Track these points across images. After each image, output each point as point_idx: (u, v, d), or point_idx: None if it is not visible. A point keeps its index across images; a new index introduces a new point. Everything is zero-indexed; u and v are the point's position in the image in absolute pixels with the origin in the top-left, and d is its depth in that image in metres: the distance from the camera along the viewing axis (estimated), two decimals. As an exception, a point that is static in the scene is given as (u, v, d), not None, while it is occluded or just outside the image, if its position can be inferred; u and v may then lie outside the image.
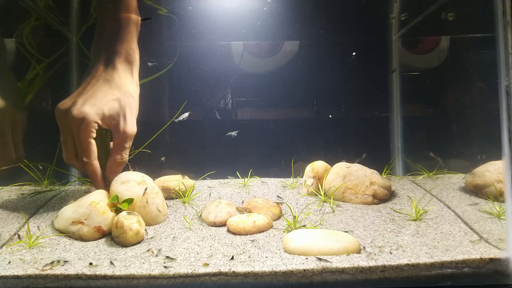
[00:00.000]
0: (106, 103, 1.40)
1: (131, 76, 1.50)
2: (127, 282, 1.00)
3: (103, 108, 1.39)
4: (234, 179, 1.85)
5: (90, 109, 1.36)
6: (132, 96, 1.47)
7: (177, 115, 1.86)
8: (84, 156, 1.37)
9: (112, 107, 1.40)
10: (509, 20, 1.03)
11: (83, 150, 1.37)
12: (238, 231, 1.25)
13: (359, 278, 1.01)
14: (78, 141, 1.37)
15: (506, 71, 1.04)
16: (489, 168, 1.55)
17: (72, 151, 1.40)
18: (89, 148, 1.37)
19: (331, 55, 2.09)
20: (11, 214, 1.40)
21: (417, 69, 2.11)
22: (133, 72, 1.52)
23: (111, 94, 1.42)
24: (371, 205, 1.50)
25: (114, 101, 1.41)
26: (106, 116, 1.39)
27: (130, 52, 1.50)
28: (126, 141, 1.43)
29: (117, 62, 1.47)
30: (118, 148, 1.43)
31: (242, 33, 2.02)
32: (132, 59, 1.51)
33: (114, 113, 1.41)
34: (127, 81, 1.48)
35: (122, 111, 1.42)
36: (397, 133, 2.07)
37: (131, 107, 1.45)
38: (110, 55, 1.48)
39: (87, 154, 1.37)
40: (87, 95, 1.40)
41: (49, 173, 1.74)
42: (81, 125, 1.35)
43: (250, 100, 2.10)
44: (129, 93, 1.46)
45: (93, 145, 1.38)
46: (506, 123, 1.03)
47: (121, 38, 1.48)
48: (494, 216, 1.32)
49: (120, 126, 1.42)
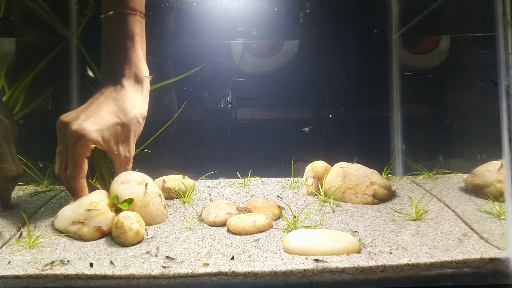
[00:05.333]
0: (109, 127, 1.36)
1: (141, 96, 1.47)
2: (127, 282, 1.00)
3: (104, 130, 1.35)
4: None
5: (91, 127, 1.32)
6: (138, 122, 1.44)
7: (177, 115, 1.86)
8: (73, 172, 1.32)
9: (114, 131, 1.38)
10: (509, 20, 1.03)
11: (73, 166, 1.32)
12: (238, 231, 1.25)
13: (359, 278, 1.01)
14: (71, 156, 1.32)
15: (506, 71, 1.04)
16: (489, 168, 1.55)
17: (63, 163, 1.35)
18: (80, 165, 1.32)
19: (331, 55, 2.09)
20: (11, 214, 1.40)
21: (417, 69, 2.11)
22: (143, 91, 1.48)
23: (116, 117, 1.38)
24: (371, 205, 1.50)
25: (117, 126, 1.38)
26: (106, 139, 1.36)
27: (138, 72, 1.45)
28: (128, 164, 1.44)
29: (126, 82, 1.43)
30: (121, 171, 1.42)
31: (242, 32, 2.02)
32: (141, 79, 1.47)
33: (115, 139, 1.38)
34: (136, 103, 1.44)
35: (125, 136, 1.41)
36: (397, 133, 2.07)
37: (135, 133, 1.44)
38: (119, 74, 1.43)
39: (76, 170, 1.32)
40: (92, 112, 1.36)
41: (49, 173, 1.75)
42: (79, 141, 1.30)
43: (250, 100, 2.10)
44: (136, 118, 1.42)
45: (85, 164, 1.33)
46: (506, 123, 1.03)
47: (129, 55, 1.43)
48: (494, 216, 1.32)
49: (121, 152, 1.41)
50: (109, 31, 1.45)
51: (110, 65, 1.45)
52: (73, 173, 1.33)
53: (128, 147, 1.43)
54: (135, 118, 1.42)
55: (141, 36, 1.47)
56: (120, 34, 1.43)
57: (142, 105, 1.47)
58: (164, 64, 1.96)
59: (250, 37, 2.04)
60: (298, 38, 2.07)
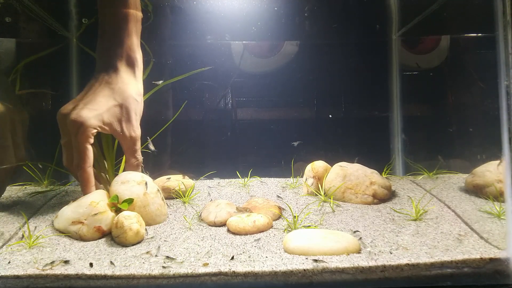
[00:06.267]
0: (107, 109, 1.38)
1: (134, 78, 1.48)
2: (127, 282, 1.00)
3: (103, 114, 1.37)
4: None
5: (89, 114, 1.34)
6: (135, 100, 1.45)
7: (177, 115, 1.86)
8: (79, 161, 1.34)
9: (113, 113, 1.39)
10: (509, 20, 1.03)
11: (78, 155, 1.34)
12: (238, 231, 1.25)
13: (359, 278, 1.01)
14: (75, 145, 1.34)
15: (506, 71, 1.04)
16: (489, 168, 1.55)
17: (69, 154, 1.38)
18: (84, 153, 1.34)
19: (331, 55, 2.09)
20: (11, 214, 1.40)
21: (417, 69, 2.11)
22: (136, 73, 1.49)
23: (112, 99, 1.40)
24: (371, 205, 1.50)
25: (115, 107, 1.40)
26: (106, 122, 1.38)
27: (131, 54, 1.47)
28: (135, 144, 1.45)
29: (118, 65, 1.45)
30: (130, 152, 1.44)
31: (242, 32, 2.02)
32: (134, 60, 1.48)
33: (116, 120, 1.40)
34: (130, 84, 1.45)
35: (125, 116, 1.42)
36: (397, 133, 2.07)
37: (135, 111, 1.45)
38: (111, 58, 1.45)
39: (82, 159, 1.33)
40: (88, 99, 1.38)
41: (49, 173, 1.75)
42: (79, 130, 1.32)
43: (250, 100, 2.10)
44: (132, 97, 1.44)
45: (90, 151, 1.35)
46: (506, 123, 1.03)
47: (122, 39, 1.45)
48: (494, 216, 1.32)
49: (125, 132, 1.42)
50: (104, 23, 1.47)
51: (104, 49, 1.47)
52: (78, 162, 1.34)
53: (132, 127, 1.43)
54: (131, 97, 1.43)
55: (135, 22, 1.48)
56: (115, 19, 1.45)
57: (136, 84, 1.48)
58: (163, 64, 1.96)
59: (250, 37, 2.04)
60: (298, 38, 2.07)
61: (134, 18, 1.48)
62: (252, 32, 2.02)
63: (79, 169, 1.35)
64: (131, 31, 1.47)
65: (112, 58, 1.45)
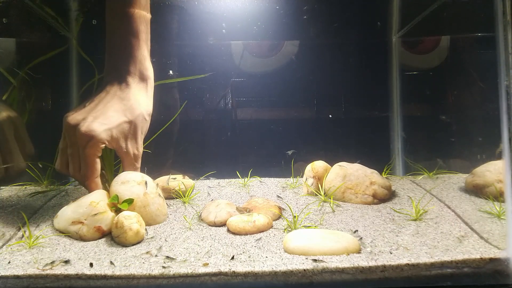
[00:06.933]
0: (117, 125, 1.38)
1: (146, 95, 1.47)
2: (127, 282, 1.00)
3: (113, 129, 1.37)
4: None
5: (100, 128, 1.34)
6: (145, 119, 1.45)
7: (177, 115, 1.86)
8: (87, 172, 1.36)
9: (122, 130, 1.39)
10: (509, 20, 1.03)
11: (87, 167, 1.35)
12: (238, 231, 1.25)
13: (359, 278, 1.01)
14: (84, 157, 1.35)
15: (506, 71, 1.04)
16: (489, 168, 1.55)
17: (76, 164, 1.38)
18: (93, 166, 1.36)
19: (331, 55, 2.09)
20: (11, 214, 1.40)
21: (417, 69, 2.11)
22: (148, 90, 1.48)
23: (123, 116, 1.39)
24: (371, 205, 1.50)
25: (125, 124, 1.40)
26: (115, 138, 1.38)
27: (143, 70, 1.46)
28: (136, 161, 1.46)
29: (131, 80, 1.44)
30: (129, 168, 1.44)
31: (242, 32, 2.02)
32: (147, 78, 1.48)
33: (122, 136, 1.40)
34: (141, 100, 1.45)
35: (132, 134, 1.42)
36: (397, 133, 2.07)
37: (142, 130, 1.45)
38: (124, 72, 1.44)
39: (90, 171, 1.35)
40: (99, 112, 1.37)
41: (49, 173, 1.75)
42: (89, 143, 1.33)
43: (250, 100, 2.10)
44: (143, 115, 1.43)
45: (98, 164, 1.37)
46: (506, 123, 1.03)
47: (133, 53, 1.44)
48: (494, 216, 1.32)
49: (129, 149, 1.42)
50: (113, 28, 1.46)
51: (114, 62, 1.46)
52: (86, 173, 1.36)
53: (136, 144, 1.44)
54: (141, 115, 1.43)
55: (145, 34, 1.47)
56: (125, 31, 1.44)
57: (147, 102, 1.48)
58: (166, 64, 1.96)
59: (250, 37, 2.04)
60: (298, 38, 2.07)
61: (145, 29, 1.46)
62: (252, 32, 2.02)
63: (87, 179, 1.36)
64: (142, 44, 1.46)
65: (125, 73, 1.44)
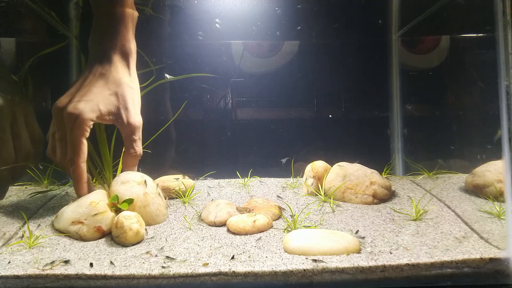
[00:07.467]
0: (102, 99, 1.36)
1: (127, 68, 1.46)
2: (127, 282, 1.00)
3: (99, 104, 1.35)
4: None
5: (86, 107, 1.32)
6: (131, 87, 1.43)
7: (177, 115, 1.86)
8: (72, 156, 1.31)
9: (109, 102, 1.37)
10: (509, 20, 1.03)
11: (73, 149, 1.31)
12: (238, 231, 1.25)
13: (359, 278, 1.01)
14: (70, 139, 1.32)
15: (506, 71, 1.04)
16: (489, 168, 1.56)
17: (64, 148, 1.35)
18: (79, 147, 1.31)
19: (331, 55, 2.09)
20: (11, 214, 1.40)
21: (417, 69, 2.11)
22: (130, 64, 1.47)
23: (107, 89, 1.38)
24: (371, 205, 1.50)
25: (111, 96, 1.38)
26: (103, 112, 1.36)
27: (125, 44, 1.45)
28: (134, 133, 1.42)
29: (112, 56, 1.42)
30: (128, 141, 1.42)
31: (242, 32, 2.02)
32: (128, 51, 1.46)
33: (112, 108, 1.38)
34: (124, 74, 1.44)
35: (122, 104, 1.39)
36: (397, 133, 2.07)
37: (132, 98, 1.42)
38: (106, 49, 1.43)
39: (76, 153, 1.31)
40: (84, 91, 1.36)
41: (49, 173, 1.75)
42: (75, 123, 1.30)
43: (250, 100, 2.10)
44: (127, 84, 1.42)
45: (84, 146, 1.33)
46: (506, 123, 1.03)
47: (116, 32, 1.43)
48: (494, 216, 1.32)
49: (124, 119, 1.39)
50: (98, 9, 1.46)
51: (97, 40, 1.45)
52: (72, 157, 1.32)
53: (130, 114, 1.41)
54: (125, 84, 1.41)
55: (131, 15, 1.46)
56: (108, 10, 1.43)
57: (130, 73, 1.46)
58: (165, 64, 1.96)
59: (250, 37, 2.04)
60: (298, 38, 2.07)
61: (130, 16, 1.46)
62: (252, 32, 2.02)
63: (73, 164, 1.32)
64: (126, 21, 1.45)
65: (106, 49, 1.42)
